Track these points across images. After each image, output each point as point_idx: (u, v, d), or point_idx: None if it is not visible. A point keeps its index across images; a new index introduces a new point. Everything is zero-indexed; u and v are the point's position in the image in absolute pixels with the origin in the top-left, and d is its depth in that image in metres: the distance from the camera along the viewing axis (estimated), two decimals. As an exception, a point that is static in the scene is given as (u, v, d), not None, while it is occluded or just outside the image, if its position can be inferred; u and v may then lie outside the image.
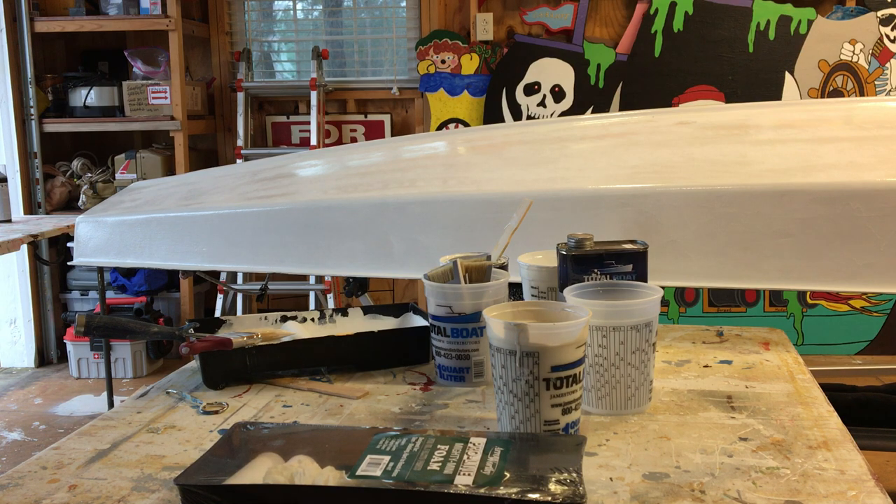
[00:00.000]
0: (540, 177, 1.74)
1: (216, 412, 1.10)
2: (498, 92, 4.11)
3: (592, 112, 4.03)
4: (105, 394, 3.33)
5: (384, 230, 1.85)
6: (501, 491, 0.75)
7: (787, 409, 1.05)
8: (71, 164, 4.27)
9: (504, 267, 1.25)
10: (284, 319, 1.39)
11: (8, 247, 2.76)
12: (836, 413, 1.04)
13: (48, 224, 3.23)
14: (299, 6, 4.58)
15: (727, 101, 3.92)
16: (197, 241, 2.00)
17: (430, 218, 1.83)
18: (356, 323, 1.40)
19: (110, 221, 2.12)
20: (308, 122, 4.28)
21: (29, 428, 3.43)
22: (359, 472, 0.80)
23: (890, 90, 3.88)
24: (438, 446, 0.85)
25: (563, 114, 4.05)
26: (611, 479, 0.87)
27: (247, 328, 1.35)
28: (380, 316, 1.41)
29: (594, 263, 1.16)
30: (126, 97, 4.10)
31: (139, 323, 1.25)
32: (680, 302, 3.99)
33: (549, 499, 0.74)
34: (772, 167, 1.61)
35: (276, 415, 1.09)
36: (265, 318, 1.39)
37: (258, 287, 3.84)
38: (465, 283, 1.20)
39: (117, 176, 4.18)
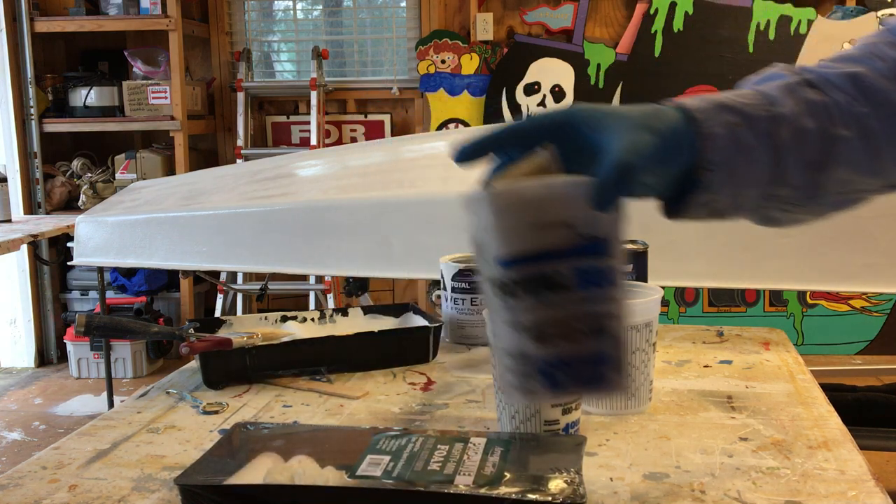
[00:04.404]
0: (540, 177, 1.74)
1: (216, 412, 1.10)
2: (498, 92, 4.11)
3: (592, 112, 4.02)
4: (105, 394, 3.33)
5: (384, 230, 1.85)
6: (501, 491, 0.75)
7: (787, 409, 1.05)
8: (71, 164, 4.27)
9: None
10: (284, 319, 1.39)
11: (8, 247, 2.76)
12: (836, 413, 1.04)
13: (48, 224, 3.23)
14: (299, 6, 4.58)
15: (727, 101, 3.91)
16: (197, 241, 2.00)
17: (430, 218, 1.83)
18: (356, 323, 1.40)
19: (110, 221, 2.12)
20: (308, 122, 4.28)
21: (29, 428, 3.43)
22: (359, 472, 0.80)
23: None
24: (438, 446, 0.85)
25: (563, 114, 4.04)
26: (611, 479, 0.87)
27: (247, 328, 1.35)
28: (380, 316, 1.41)
29: (594, 263, 1.16)
30: (126, 97, 4.10)
31: (139, 323, 1.25)
32: (680, 302, 3.99)
33: (549, 499, 0.74)
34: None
35: (276, 415, 1.09)
36: (265, 318, 1.39)
37: (258, 287, 3.84)
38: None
39: (117, 176, 4.18)
